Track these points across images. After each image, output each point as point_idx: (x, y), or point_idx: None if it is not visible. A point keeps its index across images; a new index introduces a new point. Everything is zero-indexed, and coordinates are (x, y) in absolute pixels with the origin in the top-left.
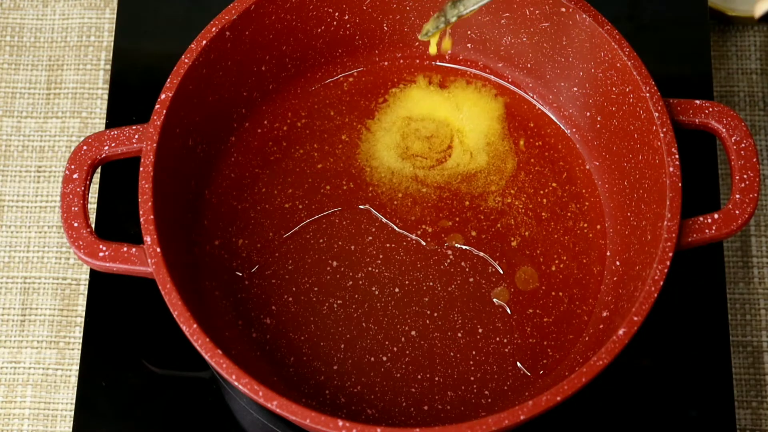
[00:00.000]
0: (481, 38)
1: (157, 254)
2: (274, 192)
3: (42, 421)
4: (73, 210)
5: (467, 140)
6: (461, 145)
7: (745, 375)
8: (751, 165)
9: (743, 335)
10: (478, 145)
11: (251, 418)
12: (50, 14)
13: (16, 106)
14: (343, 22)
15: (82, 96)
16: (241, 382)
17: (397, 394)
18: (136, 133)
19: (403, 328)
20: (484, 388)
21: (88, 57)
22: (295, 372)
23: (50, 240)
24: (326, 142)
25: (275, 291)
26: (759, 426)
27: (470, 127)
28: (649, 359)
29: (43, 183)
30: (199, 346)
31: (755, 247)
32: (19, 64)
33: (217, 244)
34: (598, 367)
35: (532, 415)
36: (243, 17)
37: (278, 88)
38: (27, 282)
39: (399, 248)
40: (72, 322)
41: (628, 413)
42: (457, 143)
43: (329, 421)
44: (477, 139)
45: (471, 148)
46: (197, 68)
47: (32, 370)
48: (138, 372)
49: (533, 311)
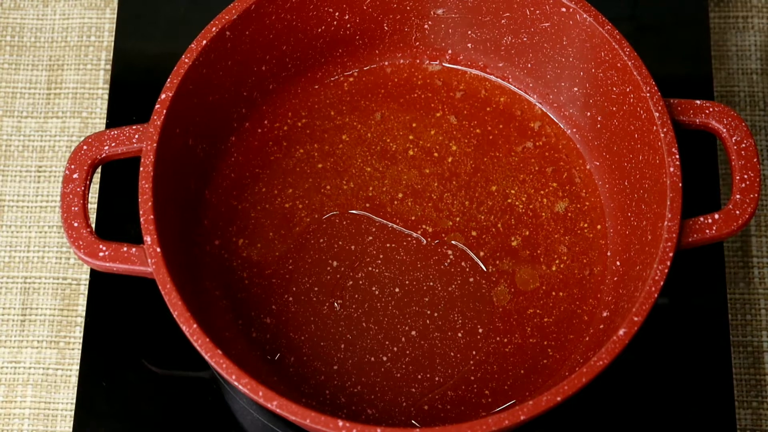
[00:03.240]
0: (481, 38)
1: (157, 254)
2: (274, 192)
3: (42, 421)
4: (73, 210)
5: (467, 140)
6: (461, 145)
7: (746, 375)
8: (752, 165)
9: (743, 335)
10: (479, 144)
11: (251, 418)
12: (50, 14)
13: (16, 106)
14: (343, 22)
15: (82, 96)
16: (241, 382)
17: (397, 394)
18: (136, 133)
19: (404, 328)
20: (484, 388)
21: (89, 57)
22: (295, 372)
23: (50, 240)
24: (326, 142)
25: (275, 291)
26: (759, 426)
27: (470, 126)
28: (649, 359)
29: (44, 183)
30: (199, 346)
31: (755, 247)
32: (20, 64)
33: (217, 243)
34: (599, 368)
35: (532, 415)
36: (243, 17)
37: (278, 88)
38: (27, 282)
39: (399, 248)
40: (72, 322)
41: (628, 413)
42: (457, 143)
43: (329, 421)
44: (477, 138)
45: (471, 148)
46: (197, 68)
47: (32, 370)
48: (138, 372)
49: (533, 311)
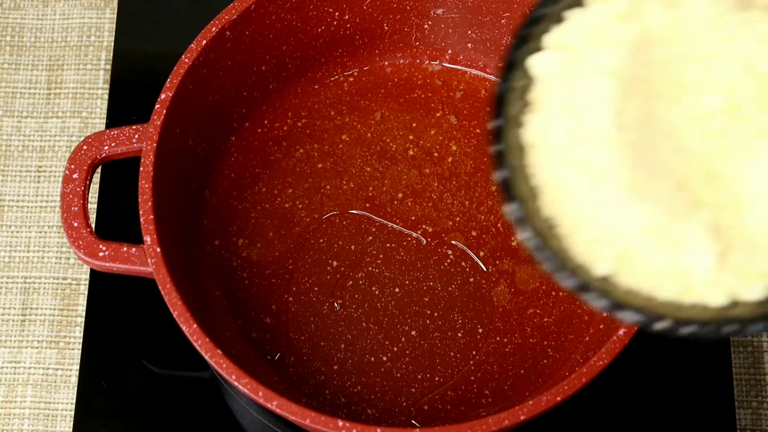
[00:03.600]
0: (481, 38)
1: (157, 254)
2: (274, 192)
3: (42, 421)
4: (73, 210)
5: (467, 140)
6: (462, 145)
7: (746, 375)
8: None
9: (743, 335)
10: (479, 144)
11: (251, 418)
12: (50, 14)
13: (16, 106)
14: (343, 22)
15: (82, 96)
16: (241, 382)
17: (397, 394)
18: (136, 133)
19: (404, 328)
20: (484, 387)
21: (89, 57)
22: (295, 372)
23: (50, 240)
24: (326, 142)
25: (275, 291)
26: (759, 426)
27: (470, 126)
28: (650, 359)
29: (44, 183)
30: (199, 346)
31: None
32: (20, 64)
33: (217, 243)
34: (599, 368)
35: (532, 415)
36: (243, 17)
37: (278, 87)
38: (27, 282)
39: (399, 248)
40: (72, 322)
41: (628, 413)
42: (457, 143)
43: (329, 421)
44: (477, 138)
45: (471, 148)
46: (197, 68)
47: (32, 370)
48: (138, 372)
49: (533, 311)
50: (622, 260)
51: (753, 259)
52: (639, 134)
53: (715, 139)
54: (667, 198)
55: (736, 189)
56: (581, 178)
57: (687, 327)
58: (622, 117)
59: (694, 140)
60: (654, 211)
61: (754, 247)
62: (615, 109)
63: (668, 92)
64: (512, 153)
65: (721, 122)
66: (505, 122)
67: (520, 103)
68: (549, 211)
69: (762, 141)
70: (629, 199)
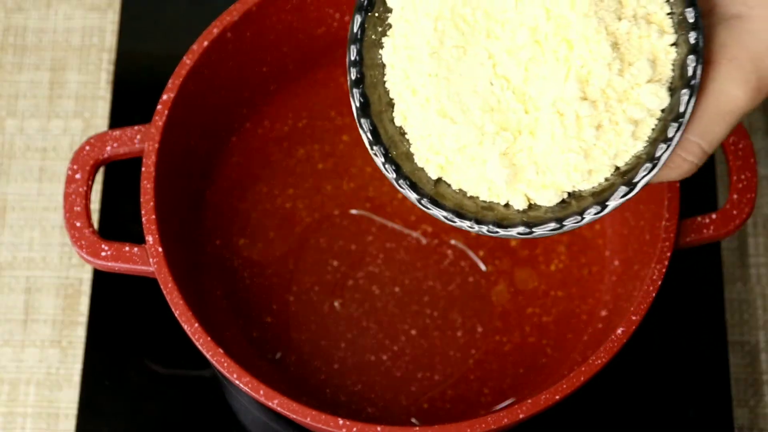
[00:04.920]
0: None
1: (159, 254)
2: (274, 192)
3: (45, 420)
4: (75, 210)
5: None
6: None
7: (743, 374)
8: (749, 165)
9: (740, 335)
10: None
11: (252, 417)
12: (53, 16)
13: (19, 106)
14: (343, 23)
15: (84, 97)
16: (242, 380)
17: (397, 393)
18: (138, 134)
19: (403, 327)
20: (483, 386)
21: (91, 58)
22: (296, 371)
23: (53, 240)
24: (327, 142)
25: (276, 290)
26: (756, 425)
27: None
28: (647, 358)
29: (46, 183)
30: (201, 345)
31: (752, 247)
32: (23, 65)
33: (218, 243)
34: (597, 367)
35: (531, 414)
36: (244, 18)
37: (279, 88)
38: (30, 281)
39: (399, 247)
40: (75, 322)
41: (627, 412)
42: None
43: (330, 419)
44: None
45: None
46: (199, 69)
47: (35, 370)
48: (140, 371)
49: (532, 310)
50: (445, 169)
51: (540, 176)
52: (455, 67)
53: (525, 68)
54: (477, 122)
55: (534, 114)
56: (415, 102)
57: (483, 225)
58: (439, 55)
59: (511, 69)
60: (462, 134)
61: (539, 167)
62: (431, 49)
63: (491, 29)
64: (375, 70)
65: (530, 52)
66: (370, 44)
67: (383, 27)
68: (398, 121)
69: (555, 67)
70: (444, 123)
